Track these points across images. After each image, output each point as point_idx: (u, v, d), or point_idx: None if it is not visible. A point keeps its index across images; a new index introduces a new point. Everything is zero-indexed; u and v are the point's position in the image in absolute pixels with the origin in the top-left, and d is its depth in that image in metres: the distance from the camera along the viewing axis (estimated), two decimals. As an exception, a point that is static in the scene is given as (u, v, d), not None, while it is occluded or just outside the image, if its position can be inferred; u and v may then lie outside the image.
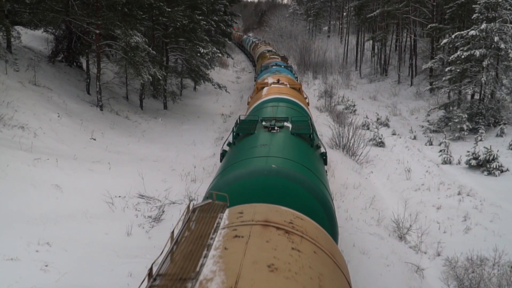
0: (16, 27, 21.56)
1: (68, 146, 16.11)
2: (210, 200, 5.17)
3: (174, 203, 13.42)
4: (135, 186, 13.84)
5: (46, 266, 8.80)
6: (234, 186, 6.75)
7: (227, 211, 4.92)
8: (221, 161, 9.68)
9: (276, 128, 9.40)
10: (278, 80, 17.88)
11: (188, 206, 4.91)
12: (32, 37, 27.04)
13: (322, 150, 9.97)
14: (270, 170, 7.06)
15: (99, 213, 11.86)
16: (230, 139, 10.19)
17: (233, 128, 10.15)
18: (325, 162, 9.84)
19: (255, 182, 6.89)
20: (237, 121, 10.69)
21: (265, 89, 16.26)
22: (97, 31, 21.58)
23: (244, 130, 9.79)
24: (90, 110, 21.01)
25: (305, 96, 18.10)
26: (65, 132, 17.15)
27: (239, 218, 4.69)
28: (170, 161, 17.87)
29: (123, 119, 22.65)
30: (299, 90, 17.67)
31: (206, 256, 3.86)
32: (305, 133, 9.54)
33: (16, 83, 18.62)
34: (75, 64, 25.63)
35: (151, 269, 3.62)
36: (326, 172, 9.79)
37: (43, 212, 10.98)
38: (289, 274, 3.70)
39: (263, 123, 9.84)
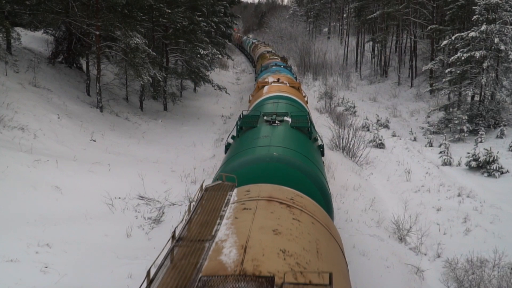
0: (16, 28, 21.58)
1: (68, 147, 16.10)
2: (220, 181, 5.87)
3: (174, 204, 13.41)
4: (135, 188, 13.84)
5: (46, 267, 8.79)
6: (240, 171, 7.22)
7: (235, 190, 5.61)
8: (225, 152, 10.44)
9: (276, 121, 10.16)
10: (278, 79, 18.54)
11: (201, 186, 5.56)
12: (32, 39, 27.06)
13: (320, 142, 10.80)
14: (272, 157, 7.77)
15: (99, 214, 11.85)
16: (234, 133, 10.91)
17: (237, 122, 10.92)
18: (322, 154, 10.70)
19: (259, 167, 7.53)
20: (240, 116, 11.45)
21: (266, 87, 17.00)
22: (97, 33, 21.58)
23: (247, 124, 10.58)
24: (90, 112, 21.00)
25: (304, 94, 18.54)
26: (65, 133, 17.14)
27: (246, 195, 5.41)
28: (170, 163, 17.86)
29: (123, 121, 22.65)
30: (298, 88, 18.26)
31: (219, 224, 4.51)
32: (303, 126, 10.37)
33: (16, 85, 18.62)
34: (75, 65, 25.63)
35: (174, 232, 4.32)
36: (324, 162, 10.28)
37: (43, 213, 10.98)
38: (291, 237, 4.39)
39: (265, 117, 10.58)
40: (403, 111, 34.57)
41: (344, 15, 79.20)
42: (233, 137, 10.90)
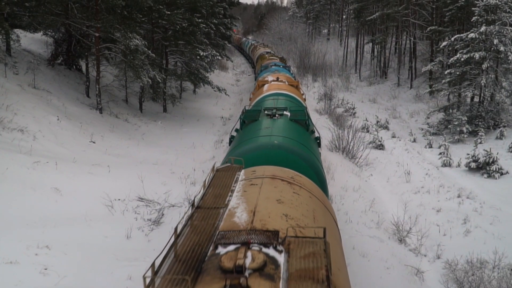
0: (15, 30, 21.58)
1: (68, 149, 16.10)
2: (229, 164, 6.66)
3: (173, 206, 13.40)
4: (134, 189, 13.82)
5: (46, 269, 8.78)
6: (245, 156, 7.72)
7: (243, 171, 6.38)
8: (229, 144, 11.43)
9: (276, 115, 11.03)
10: (277, 78, 19.38)
11: (213, 167, 6.39)
12: (32, 40, 27.06)
13: (317, 134, 11.79)
14: (274, 144, 8.62)
15: (98, 216, 11.84)
16: (235, 130, 11.96)
17: (240, 116, 11.97)
18: (319, 145, 11.60)
19: (262, 153, 8.31)
20: (243, 110, 12.62)
21: (266, 85, 17.87)
22: (97, 34, 21.59)
23: (249, 117, 11.49)
24: (90, 113, 21.00)
25: (302, 92, 19.22)
26: (64, 135, 17.14)
27: (252, 174, 6.22)
28: (170, 164, 17.85)
29: (123, 122, 22.65)
30: (296, 87, 19.06)
31: (231, 196, 5.32)
32: (301, 120, 11.20)
33: (16, 86, 18.61)
34: (74, 67, 25.64)
35: (193, 201, 5.20)
36: (320, 153, 11.05)
37: (42, 215, 10.96)
38: (292, 206, 5.20)
39: (266, 112, 11.41)
40: (402, 112, 34.58)
41: (344, 16, 79.25)
42: (236, 130, 11.91)
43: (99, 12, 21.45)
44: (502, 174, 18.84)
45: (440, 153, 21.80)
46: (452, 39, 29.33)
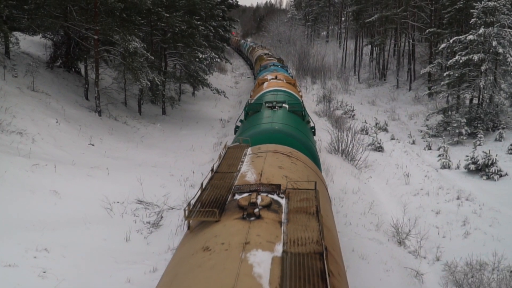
0: (14, 32, 21.56)
1: (67, 151, 16.09)
2: (237, 143, 8.26)
3: (172, 208, 13.40)
4: (133, 192, 13.82)
5: (44, 272, 8.77)
6: (251, 139, 8.93)
7: (249, 148, 7.70)
8: (235, 133, 13.05)
9: (276, 107, 12.61)
10: (276, 77, 20.93)
11: (225, 145, 7.77)
12: (31, 43, 27.05)
13: (312, 124, 13.43)
14: (274, 129, 10.16)
15: (97, 218, 11.83)
16: (242, 118, 13.58)
17: (244, 108, 13.60)
18: (314, 134, 13.24)
19: (265, 136, 9.64)
20: (246, 103, 14.32)
21: (265, 83, 19.17)
22: (96, 37, 21.60)
23: (253, 109, 13.19)
24: (89, 116, 21.00)
25: (299, 89, 20.28)
26: (63, 137, 17.13)
27: (258, 150, 7.52)
28: (169, 167, 17.84)
29: (122, 125, 22.64)
30: (293, 84, 20.35)
31: (241, 164, 6.64)
32: (298, 111, 12.88)
33: (15, 89, 18.61)
34: (73, 69, 25.62)
35: (212, 167, 6.51)
36: (315, 141, 12.59)
37: (41, 218, 10.95)
38: (290, 171, 6.53)
39: (267, 104, 12.96)
40: (401, 114, 34.59)
41: (343, 18, 79.27)
42: (241, 121, 13.51)
43: (98, 15, 21.45)
44: (501, 176, 18.82)
45: (439, 155, 21.79)
46: (451, 41, 29.35)
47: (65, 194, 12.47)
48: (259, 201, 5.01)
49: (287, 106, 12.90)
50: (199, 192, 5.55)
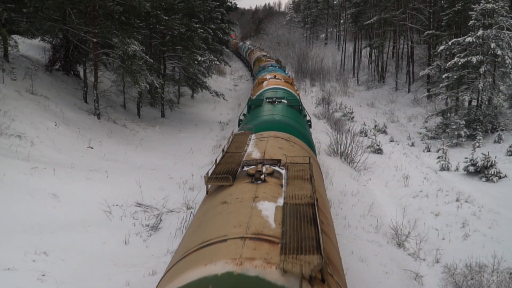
0: (13, 36, 21.57)
1: (65, 154, 16.07)
2: (243, 131, 9.46)
3: (171, 211, 13.38)
4: (132, 195, 13.80)
5: (43, 275, 8.74)
6: (254, 128, 9.94)
7: (253, 134, 8.88)
8: (238, 125, 14.05)
9: (276, 102, 13.90)
10: (275, 76, 22.23)
11: (232, 132, 8.81)
12: (29, 46, 27.06)
13: (308, 118, 14.92)
14: (275, 120, 11.35)
15: (96, 222, 11.81)
16: (245, 112, 15.17)
17: (247, 103, 15.25)
18: (310, 126, 14.44)
19: (266, 125, 10.61)
20: (248, 99, 15.93)
21: (265, 82, 20.37)
22: (94, 40, 21.60)
23: (255, 103, 14.56)
24: (88, 119, 20.99)
25: (296, 88, 21.63)
26: (62, 140, 17.12)
27: (261, 135, 8.70)
28: (168, 169, 17.83)
29: (121, 128, 22.63)
30: (291, 83, 21.48)
31: (247, 146, 7.72)
32: (295, 105, 14.35)
33: (13, 92, 18.60)
34: (72, 72, 25.62)
35: (223, 148, 7.57)
36: (311, 132, 13.29)
37: (40, 221, 10.93)
38: (289, 151, 7.76)
39: (267, 100, 14.17)
40: (400, 116, 34.61)
41: (341, 21, 79.36)
42: (244, 115, 15.05)
43: (96, 18, 21.47)
44: (500, 177, 18.83)
45: (438, 157, 21.80)
46: (450, 43, 29.39)
47: (64, 197, 12.45)
48: (264, 170, 6.22)
49: (285, 101, 14.13)
50: (214, 166, 6.71)
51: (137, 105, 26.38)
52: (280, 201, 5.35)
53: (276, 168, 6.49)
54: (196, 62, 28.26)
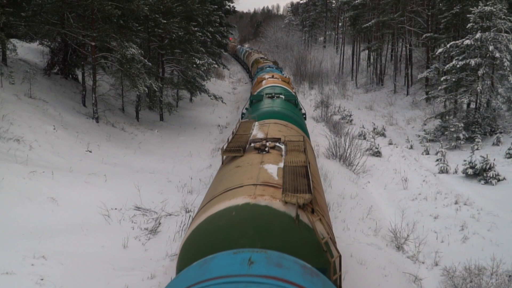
0: (11, 40, 21.56)
1: (64, 158, 16.06)
2: (247, 119, 11.69)
3: (170, 215, 13.37)
4: (131, 198, 13.79)
5: (42, 279, 8.74)
6: (257, 117, 11.86)
7: (256, 122, 10.73)
8: (241, 118, 14.85)
9: (275, 97, 15.99)
10: (273, 76, 24.39)
11: (239, 120, 11.06)
12: (28, 50, 27.06)
13: (303, 111, 17.04)
14: (274, 110, 13.18)
15: (95, 225, 11.80)
16: (247, 106, 17.06)
17: (249, 97, 17.36)
18: (305, 118, 16.36)
19: (267, 115, 12.38)
20: (250, 95, 18.40)
21: (264, 81, 22.26)
22: (93, 43, 21.61)
23: (256, 98, 16.51)
24: (86, 122, 20.99)
25: (292, 86, 23.13)
26: (60, 144, 17.11)
27: (263, 122, 10.67)
28: (167, 173, 17.83)
29: (119, 131, 22.63)
30: (288, 82, 23.06)
31: (252, 130, 9.52)
32: (292, 100, 16.59)
33: (12, 96, 18.60)
34: (70, 76, 25.63)
35: (233, 131, 9.54)
36: (306, 124, 14.91)
37: (38, 225, 10.93)
38: (287, 133, 9.57)
39: (267, 95, 16.30)
40: (399, 119, 34.62)
41: (340, 24, 79.44)
42: (246, 109, 16.95)
43: (95, 22, 21.48)
44: (499, 180, 18.82)
45: (437, 160, 21.80)
46: (448, 46, 29.40)
47: (63, 201, 12.45)
48: (267, 144, 8.11)
49: (283, 96, 16.17)
50: (226, 143, 8.56)
51: (136, 109, 26.38)
52: (281, 165, 7.14)
53: (277, 144, 8.37)
54: (194, 65, 28.28)
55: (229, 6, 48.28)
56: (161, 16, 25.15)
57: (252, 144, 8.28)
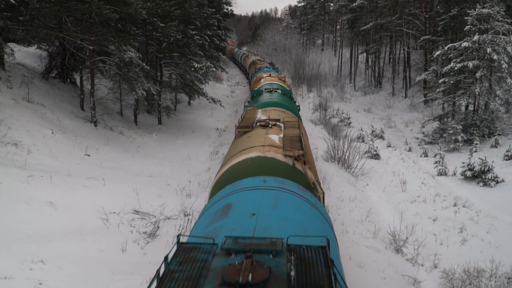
0: (9, 44, 21.54)
1: (62, 162, 16.05)
2: (251, 107, 14.70)
3: (169, 218, 13.35)
4: (129, 202, 13.77)
5: (40, 284, 8.71)
6: (259, 106, 14.96)
7: (259, 109, 13.58)
8: (245, 109, 17.19)
9: (273, 91, 19.42)
10: (270, 75, 27.84)
11: (244, 107, 17.40)
12: (26, 54, 27.06)
13: (297, 103, 20.30)
14: (273, 101, 16.35)
15: (93, 229, 11.78)
16: (249, 99, 19.79)
17: (251, 92, 20.74)
18: (299, 109, 19.20)
19: (267, 104, 15.37)
20: (251, 90, 22.08)
21: (262, 79, 25.51)
22: (91, 47, 21.61)
23: (257, 92, 19.68)
24: (84, 126, 20.97)
25: (288, 84, 26.66)
26: (59, 148, 17.09)
27: (265, 110, 13.84)
28: (165, 176, 17.82)
29: (118, 135, 22.61)
30: (284, 80, 26.79)
31: (256, 114, 12.73)
32: (288, 94, 20.17)
33: (10, 100, 18.58)
34: (68, 80, 25.62)
35: (241, 116, 12.93)
36: (300, 114, 17.75)
37: (37, 229, 10.90)
38: (285, 116, 13.02)
39: (266, 90, 19.63)
40: (397, 121, 34.64)
41: (338, 27, 79.66)
42: (248, 101, 19.42)
43: (93, 25, 21.48)
44: (497, 182, 18.83)
45: (436, 162, 21.79)
46: (446, 48, 29.44)
47: (61, 205, 12.42)
48: (270, 122, 11.14)
49: (280, 91, 19.69)
50: (238, 123, 11.66)
51: (134, 112, 26.36)
52: (281, 135, 9.95)
53: (277, 122, 11.54)
54: (192, 68, 28.27)
55: (227, 9, 48.41)
56: (159, 20, 25.16)
57: (258, 123, 11.38)
